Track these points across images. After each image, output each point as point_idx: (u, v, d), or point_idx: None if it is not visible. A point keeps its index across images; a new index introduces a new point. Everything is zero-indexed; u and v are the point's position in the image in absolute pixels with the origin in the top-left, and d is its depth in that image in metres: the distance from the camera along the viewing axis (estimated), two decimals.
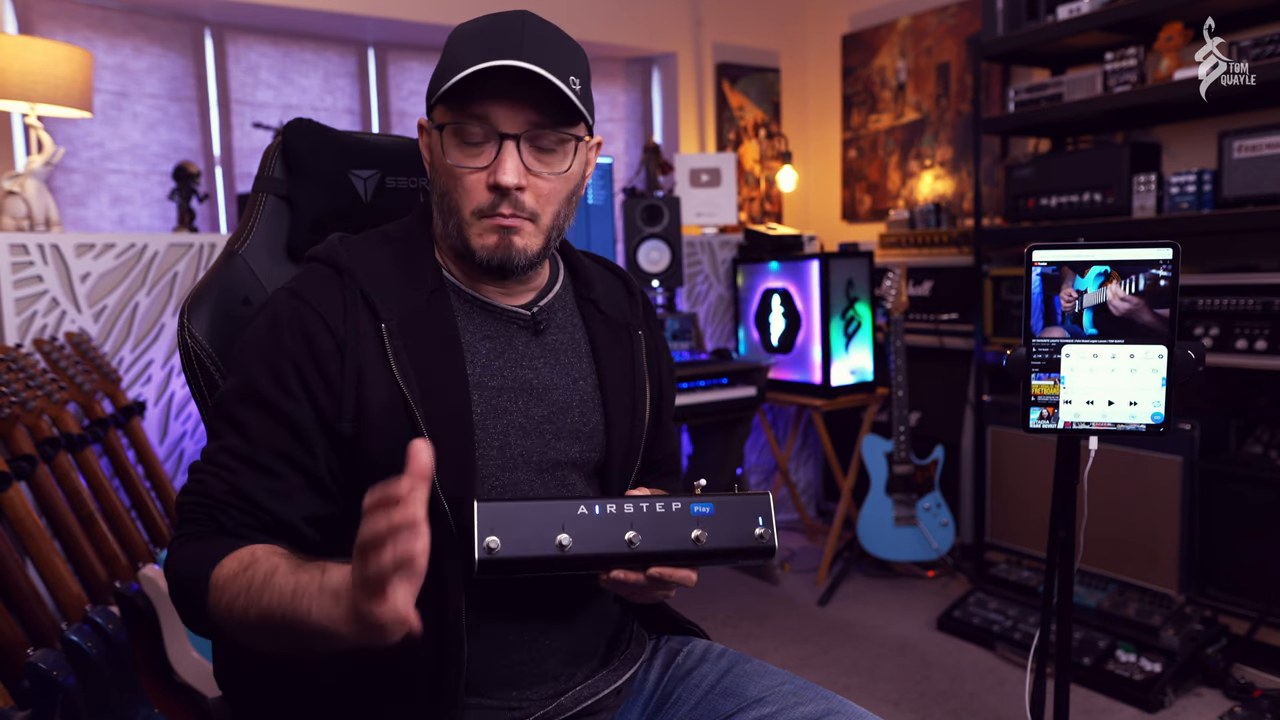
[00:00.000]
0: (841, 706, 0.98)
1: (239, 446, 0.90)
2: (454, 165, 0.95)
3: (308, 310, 0.93)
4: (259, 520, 0.90)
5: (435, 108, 0.97)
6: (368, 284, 0.95)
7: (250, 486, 0.89)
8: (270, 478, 0.90)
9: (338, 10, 3.24)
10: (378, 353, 0.93)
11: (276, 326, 0.93)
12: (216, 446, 0.92)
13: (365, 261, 0.98)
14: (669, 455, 1.22)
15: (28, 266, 2.31)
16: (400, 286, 0.97)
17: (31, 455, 1.80)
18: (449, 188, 0.97)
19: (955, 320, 3.32)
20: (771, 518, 0.94)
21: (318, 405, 0.92)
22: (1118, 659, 2.32)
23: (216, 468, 0.90)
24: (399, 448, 0.90)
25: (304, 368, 0.92)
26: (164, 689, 1.79)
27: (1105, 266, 1.30)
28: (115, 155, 3.12)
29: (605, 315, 1.10)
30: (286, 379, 0.91)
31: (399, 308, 0.96)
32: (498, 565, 0.85)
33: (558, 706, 1.00)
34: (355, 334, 0.93)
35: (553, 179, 0.96)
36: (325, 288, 0.95)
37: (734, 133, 4.18)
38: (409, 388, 0.92)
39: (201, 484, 0.90)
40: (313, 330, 0.92)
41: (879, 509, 3.05)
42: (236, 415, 0.92)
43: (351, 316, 0.93)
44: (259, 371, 0.92)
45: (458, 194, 0.96)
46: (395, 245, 1.02)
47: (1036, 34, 2.77)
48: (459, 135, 0.94)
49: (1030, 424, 1.36)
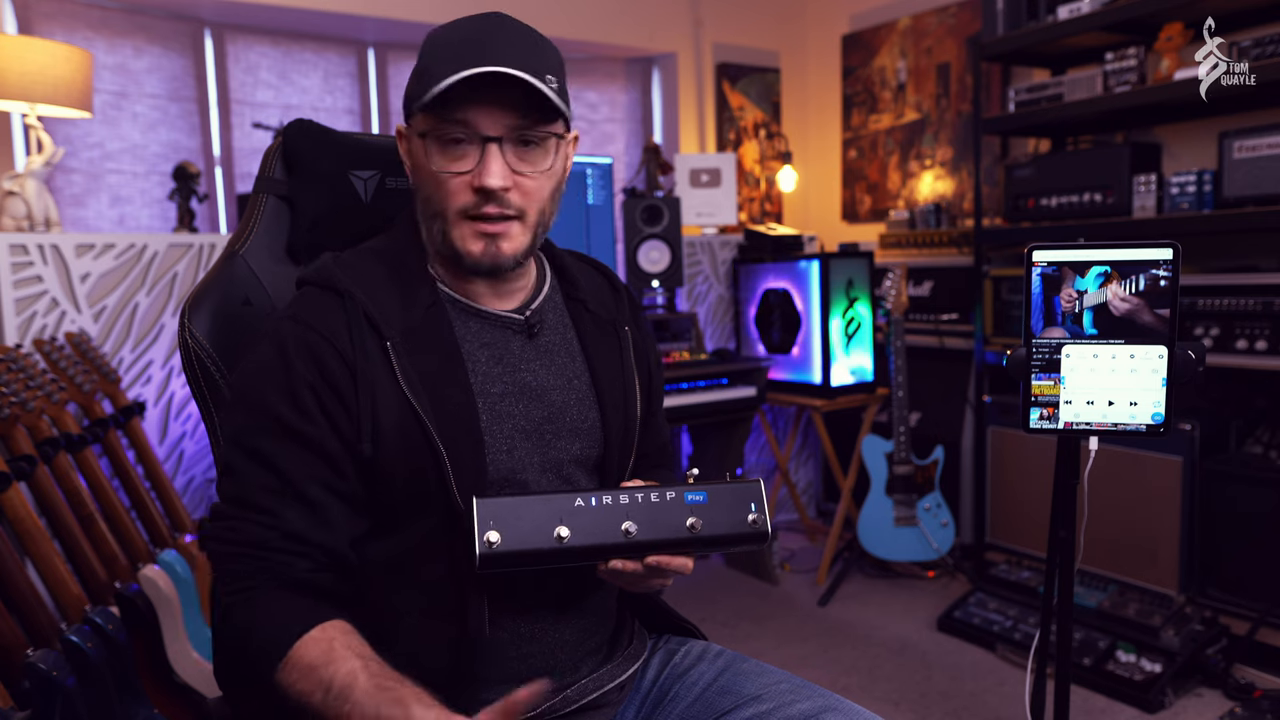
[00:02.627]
0: (839, 704, 0.99)
1: (273, 483, 0.90)
2: (438, 170, 0.95)
3: (313, 335, 0.93)
4: (312, 559, 0.90)
5: (415, 115, 0.97)
6: (369, 304, 0.95)
7: (296, 524, 0.89)
8: (313, 510, 0.89)
9: (338, 10, 3.24)
10: (386, 371, 0.94)
11: (285, 353, 0.92)
12: (246, 486, 0.91)
13: (362, 281, 0.97)
14: (660, 447, 1.23)
15: (27, 267, 2.31)
16: (398, 303, 0.98)
17: (31, 455, 1.80)
18: (432, 192, 0.97)
19: (955, 320, 3.32)
20: (764, 503, 0.96)
21: (338, 428, 0.92)
22: (1118, 659, 2.32)
23: (252, 511, 0.89)
24: (414, 463, 0.93)
25: (320, 392, 0.91)
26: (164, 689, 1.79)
27: (1105, 267, 1.30)
28: (115, 155, 3.12)
29: (593, 313, 1.12)
30: (306, 405, 0.91)
31: (400, 324, 0.96)
32: (498, 559, 0.87)
33: (564, 699, 1.01)
34: (364, 355, 0.93)
35: (537, 177, 0.97)
36: (327, 311, 0.95)
37: (734, 133, 4.18)
38: (419, 403, 0.93)
39: (237, 530, 0.89)
40: (322, 354, 0.92)
41: (879, 509, 3.04)
42: (262, 449, 0.90)
43: (358, 338, 0.93)
44: (276, 401, 0.91)
45: (441, 197, 0.96)
46: (387, 261, 1.02)
47: (1036, 34, 2.77)
48: (441, 141, 0.95)
49: (1030, 424, 1.36)
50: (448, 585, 0.95)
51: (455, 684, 0.95)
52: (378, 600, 0.96)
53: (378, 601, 0.96)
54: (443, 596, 0.95)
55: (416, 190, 1.01)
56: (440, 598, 0.95)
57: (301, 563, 0.89)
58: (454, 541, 0.92)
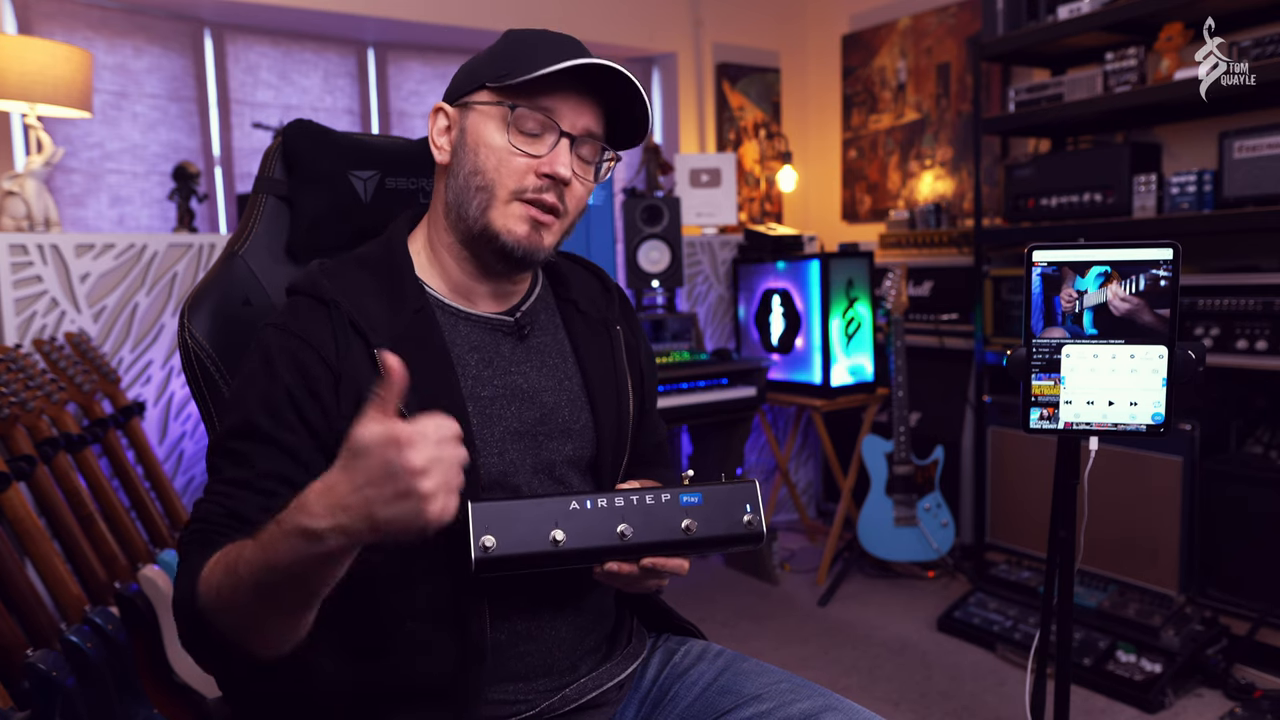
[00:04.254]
0: (839, 703, 0.99)
1: (238, 476, 0.90)
2: (508, 144, 0.97)
3: (298, 343, 0.93)
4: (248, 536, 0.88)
5: (478, 91, 0.99)
6: (355, 312, 0.96)
7: (245, 507, 0.88)
8: (266, 497, 0.89)
9: (338, 10, 3.24)
10: (373, 379, 0.93)
11: (269, 362, 0.93)
12: (215, 480, 0.92)
13: (348, 289, 0.98)
14: (655, 446, 1.23)
15: (27, 267, 2.31)
16: (385, 309, 0.98)
17: (31, 455, 1.80)
18: (488, 165, 0.98)
19: (955, 320, 3.32)
20: (759, 504, 0.96)
21: (317, 435, 0.92)
22: (1118, 659, 2.32)
23: (216, 496, 0.90)
24: None
25: (300, 400, 0.92)
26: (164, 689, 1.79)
27: (1105, 267, 1.30)
28: (115, 155, 3.12)
29: (584, 314, 1.12)
30: (282, 412, 0.91)
31: (387, 331, 0.96)
32: (494, 564, 0.87)
33: (562, 698, 1.01)
34: (349, 363, 0.93)
35: (586, 183, 1.02)
36: (313, 320, 0.95)
37: (734, 133, 4.18)
38: (408, 410, 0.92)
39: (198, 510, 0.90)
40: (306, 361, 0.93)
41: (879, 509, 3.04)
42: (237, 450, 0.91)
43: (343, 346, 0.94)
44: (253, 408, 0.92)
45: (500, 172, 0.97)
46: (373, 268, 1.02)
47: (1036, 34, 2.77)
48: (519, 121, 0.97)
49: (1030, 424, 1.36)
50: (446, 591, 0.95)
51: (457, 688, 0.95)
52: (374, 608, 0.96)
53: (374, 609, 0.96)
54: (441, 603, 0.95)
55: (458, 166, 1.00)
56: (438, 604, 0.95)
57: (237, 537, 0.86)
58: (450, 547, 0.92)
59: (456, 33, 3.54)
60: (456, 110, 1.01)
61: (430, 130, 1.03)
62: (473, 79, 1.00)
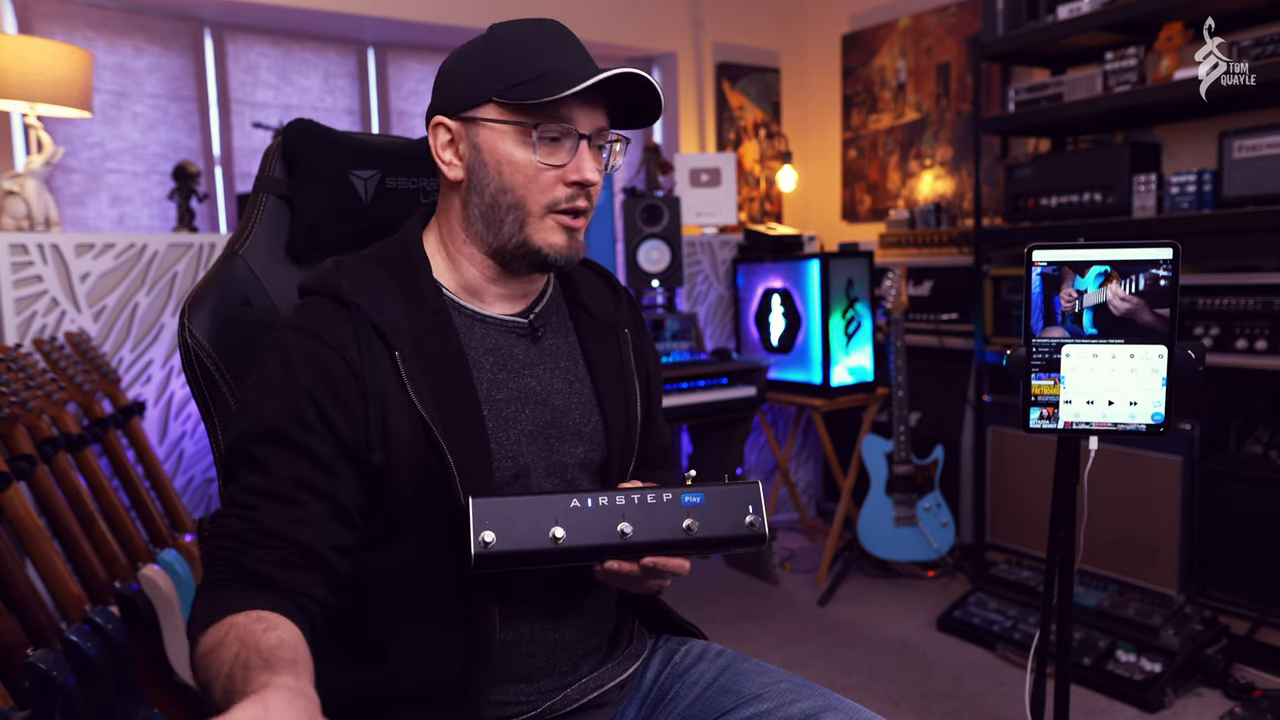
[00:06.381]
0: (839, 703, 0.99)
1: (258, 483, 0.89)
2: (534, 161, 0.96)
3: (320, 345, 0.92)
4: (280, 554, 0.87)
5: (485, 106, 0.97)
6: (375, 314, 0.94)
7: (269, 519, 0.87)
8: (290, 506, 0.88)
9: (338, 10, 3.24)
10: (395, 381, 0.93)
11: (289, 364, 0.92)
12: (235, 488, 0.90)
13: (367, 291, 0.96)
14: (661, 449, 1.23)
15: (27, 266, 2.31)
16: (404, 311, 0.97)
17: (31, 455, 1.80)
18: (516, 183, 0.97)
19: (955, 320, 3.32)
20: (762, 506, 0.95)
21: (340, 437, 0.91)
22: (1118, 659, 2.32)
23: (237, 508, 0.89)
24: (422, 471, 0.93)
25: (322, 402, 0.90)
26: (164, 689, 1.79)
27: (1105, 266, 1.30)
28: (115, 155, 3.12)
29: (593, 316, 1.11)
30: (303, 413, 0.90)
31: (408, 333, 0.96)
32: (493, 559, 0.87)
33: (564, 699, 1.01)
34: (372, 365, 0.92)
35: (602, 174, 1.02)
36: (333, 321, 0.94)
37: (734, 133, 4.18)
38: (428, 412, 0.93)
39: (221, 526, 0.89)
40: (328, 364, 0.92)
41: (879, 509, 3.04)
42: (256, 455, 0.90)
43: (365, 348, 0.93)
44: (272, 409, 0.90)
45: (530, 189, 0.97)
46: (391, 268, 1.00)
47: (1036, 34, 2.77)
48: (540, 135, 0.96)
49: (1030, 424, 1.36)
50: (456, 592, 0.95)
51: (461, 689, 0.95)
52: (383, 610, 0.96)
53: (383, 611, 0.96)
54: (451, 604, 0.95)
55: (481, 185, 0.99)
56: (448, 605, 0.95)
57: (270, 558, 0.86)
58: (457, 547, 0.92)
59: (456, 33, 3.54)
60: (460, 125, 0.99)
61: (433, 146, 1.00)
62: (474, 91, 0.97)
